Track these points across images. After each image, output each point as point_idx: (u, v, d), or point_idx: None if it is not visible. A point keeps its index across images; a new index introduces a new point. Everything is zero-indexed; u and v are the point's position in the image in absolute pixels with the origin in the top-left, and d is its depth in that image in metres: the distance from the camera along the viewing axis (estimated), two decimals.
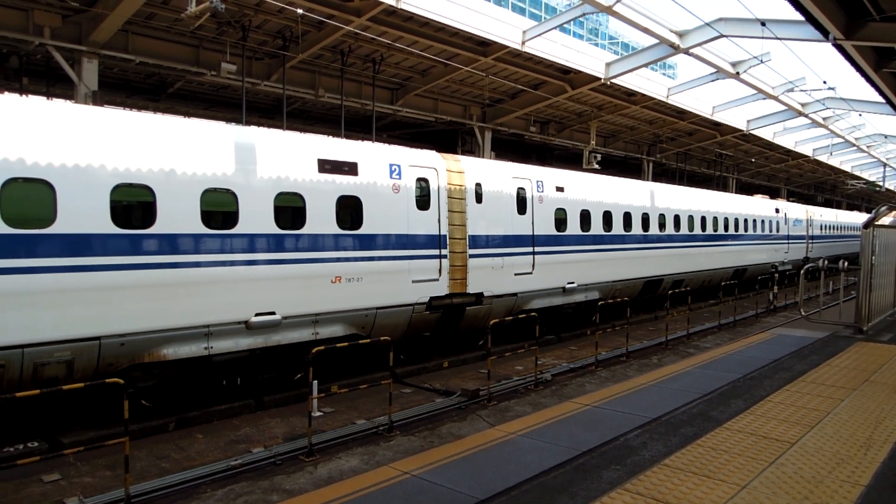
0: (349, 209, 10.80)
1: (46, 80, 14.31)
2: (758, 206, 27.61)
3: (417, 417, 9.30)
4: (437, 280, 12.16)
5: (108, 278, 8.06)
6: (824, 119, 27.84)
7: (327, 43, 14.70)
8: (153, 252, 8.46)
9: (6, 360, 7.35)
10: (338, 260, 10.52)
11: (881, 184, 43.76)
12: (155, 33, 13.78)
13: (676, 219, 20.53)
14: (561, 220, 15.39)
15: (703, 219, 22.30)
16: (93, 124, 8.25)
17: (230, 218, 9.30)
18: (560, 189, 15.47)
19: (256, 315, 9.49)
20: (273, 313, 9.67)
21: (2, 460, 7.20)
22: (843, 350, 9.11)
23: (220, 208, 9.24)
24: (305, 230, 10.11)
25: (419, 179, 12.02)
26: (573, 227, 15.74)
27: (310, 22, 13.41)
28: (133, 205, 8.56)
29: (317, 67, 16.58)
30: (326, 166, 10.52)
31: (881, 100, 19.11)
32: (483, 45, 16.22)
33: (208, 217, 9.05)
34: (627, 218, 17.94)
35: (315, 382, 8.44)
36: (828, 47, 12.97)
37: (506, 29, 15.91)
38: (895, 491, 3.97)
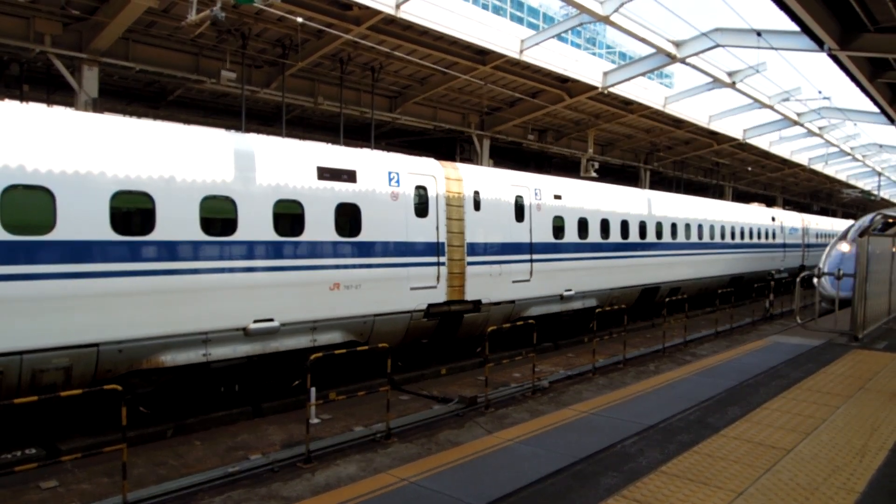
0: (348, 216, 10.85)
1: (47, 87, 14.34)
2: (754, 215, 27.73)
3: (415, 424, 9.32)
4: (436, 287, 12.19)
5: (107, 285, 8.08)
6: (820, 128, 28.00)
7: (326, 51, 14.77)
8: (152, 259, 8.49)
9: (4, 367, 7.36)
10: (336, 267, 10.55)
11: (876, 193, 43.94)
12: (155, 41, 13.84)
13: (673, 227, 20.61)
14: (559, 227, 15.45)
15: (700, 227, 22.39)
16: (93, 132, 8.29)
17: (229, 225, 9.34)
18: (558, 197, 15.54)
19: (255, 322, 9.51)
20: (271, 320, 9.69)
21: None
22: (839, 357, 9.15)
23: (219, 215, 9.28)
24: (304, 237, 10.15)
25: (418, 187, 12.07)
26: (571, 235, 15.80)
27: (309, 30, 13.48)
28: (132, 212, 8.60)
29: (316, 75, 16.66)
30: (325, 174, 10.57)
31: (876, 110, 19.23)
32: (481, 54, 16.32)
33: (207, 224, 9.09)
34: (625, 226, 18.01)
35: (313, 389, 8.47)
36: (823, 57, 13.10)
37: (504, 38, 16.02)
38: (890, 498, 4.00)
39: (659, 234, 19.76)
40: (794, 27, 11.81)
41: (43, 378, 7.70)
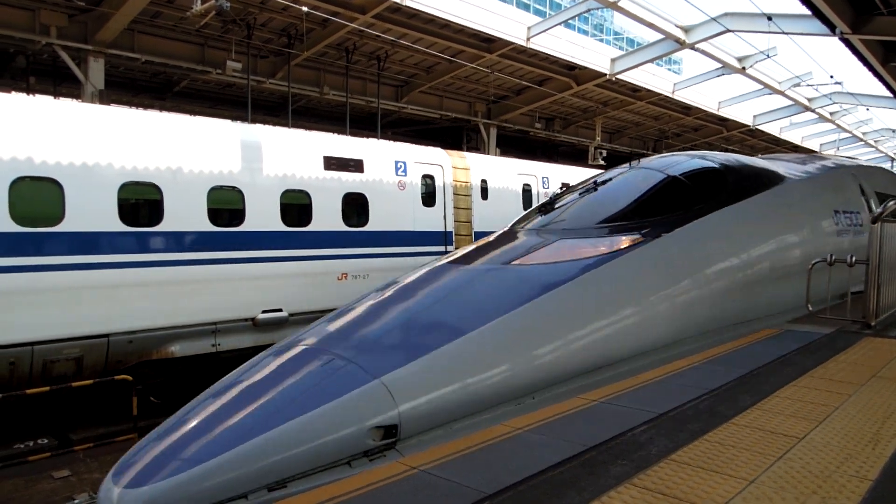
0: (355, 206, 10.84)
1: (53, 79, 14.37)
2: None
3: None
4: None
5: (116, 276, 8.11)
6: (831, 114, 27.66)
7: (332, 40, 14.71)
8: (160, 250, 8.52)
9: (16, 358, 7.42)
10: (344, 257, 10.56)
11: None
12: (160, 32, 13.82)
13: None
14: None
15: None
16: (100, 123, 8.30)
17: (237, 215, 9.35)
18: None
19: (263, 312, 9.54)
20: (280, 310, 9.72)
21: (12, 457, 7.27)
22: (851, 345, 9.07)
23: (226, 206, 9.29)
24: (311, 227, 10.15)
25: (425, 176, 12.03)
26: None
27: (314, 20, 13.42)
28: (140, 203, 8.62)
29: (321, 65, 16.60)
30: (332, 164, 10.55)
31: (888, 94, 18.98)
32: (488, 42, 16.20)
33: (215, 215, 9.10)
34: None
35: None
36: (835, 41, 12.90)
37: (510, 25, 15.89)
38: None
39: None
40: (806, 11, 11.64)
41: (54, 368, 7.76)
